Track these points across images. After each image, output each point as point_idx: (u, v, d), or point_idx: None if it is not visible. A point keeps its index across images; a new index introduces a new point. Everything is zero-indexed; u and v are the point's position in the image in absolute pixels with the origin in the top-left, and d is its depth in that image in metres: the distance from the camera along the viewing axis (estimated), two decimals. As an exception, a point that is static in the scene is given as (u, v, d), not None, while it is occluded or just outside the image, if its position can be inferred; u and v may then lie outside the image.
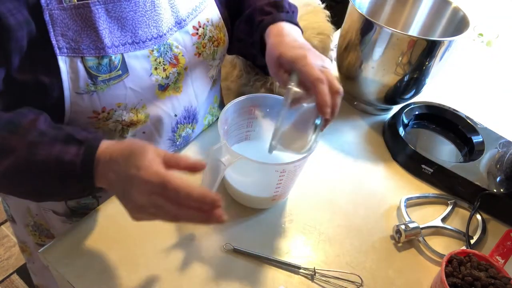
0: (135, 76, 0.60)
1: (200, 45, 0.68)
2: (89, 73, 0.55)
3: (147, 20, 0.59)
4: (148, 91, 0.62)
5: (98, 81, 0.56)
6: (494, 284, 0.55)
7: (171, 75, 0.64)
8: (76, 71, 0.55)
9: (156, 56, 0.61)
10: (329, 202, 0.73)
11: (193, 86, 0.72)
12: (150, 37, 0.60)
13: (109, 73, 0.57)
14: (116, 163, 0.47)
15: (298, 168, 0.63)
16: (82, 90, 0.56)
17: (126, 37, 0.58)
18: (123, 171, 0.46)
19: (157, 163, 0.46)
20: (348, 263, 0.64)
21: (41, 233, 0.83)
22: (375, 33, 0.78)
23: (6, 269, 1.55)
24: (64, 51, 0.53)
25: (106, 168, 0.48)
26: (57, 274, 0.59)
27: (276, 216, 0.69)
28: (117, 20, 0.56)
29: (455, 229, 0.70)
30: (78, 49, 0.54)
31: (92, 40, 0.54)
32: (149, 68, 0.61)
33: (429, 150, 0.82)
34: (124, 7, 0.56)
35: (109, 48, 0.56)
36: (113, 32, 0.56)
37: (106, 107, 0.59)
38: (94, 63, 0.55)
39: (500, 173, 0.75)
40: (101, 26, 0.55)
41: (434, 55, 0.78)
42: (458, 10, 0.86)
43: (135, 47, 0.59)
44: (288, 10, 0.69)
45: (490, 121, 0.88)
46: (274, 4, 0.69)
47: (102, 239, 0.62)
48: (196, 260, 0.61)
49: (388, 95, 0.87)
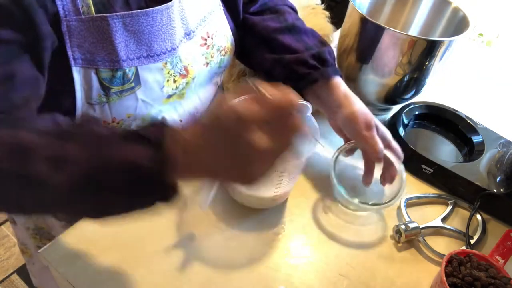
0: (147, 88, 0.60)
1: (208, 55, 0.68)
2: (102, 85, 0.55)
3: (162, 34, 0.59)
4: (158, 101, 0.63)
5: (110, 92, 0.56)
6: (494, 284, 0.55)
7: (180, 86, 0.65)
8: (89, 82, 0.55)
9: (169, 69, 0.61)
10: (329, 202, 0.73)
11: (198, 93, 0.72)
12: (164, 50, 0.60)
13: (122, 85, 0.57)
14: (208, 136, 0.40)
15: (298, 168, 0.63)
16: (94, 101, 0.56)
17: (141, 51, 0.57)
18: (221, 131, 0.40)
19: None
20: (348, 263, 0.64)
21: (42, 236, 0.83)
22: (375, 33, 0.78)
23: (6, 269, 1.55)
24: (79, 62, 0.53)
25: (192, 153, 0.40)
26: (57, 274, 0.59)
27: (276, 216, 0.69)
28: (134, 34, 0.56)
29: (455, 229, 0.70)
30: (93, 60, 0.54)
31: (107, 53, 0.54)
32: (162, 81, 0.61)
33: (429, 150, 0.82)
34: (141, 21, 0.56)
35: (123, 61, 0.56)
36: (128, 45, 0.56)
37: (116, 117, 0.59)
38: (108, 75, 0.55)
39: (500, 173, 0.75)
40: (117, 40, 0.54)
41: (434, 55, 0.78)
42: (458, 10, 0.86)
43: (150, 61, 0.59)
44: (333, 62, 0.72)
45: (490, 121, 0.88)
46: (318, 58, 0.70)
47: (102, 239, 0.62)
48: (196, 260, 0.61)
49: (388, 95, 0.87)
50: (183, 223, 0.65)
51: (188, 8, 0.63)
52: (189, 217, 0.66)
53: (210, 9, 0.68)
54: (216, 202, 0.69)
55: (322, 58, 0.71)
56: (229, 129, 0.39)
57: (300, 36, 0.73)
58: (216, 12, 0.70)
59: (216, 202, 0.69)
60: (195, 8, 0.65)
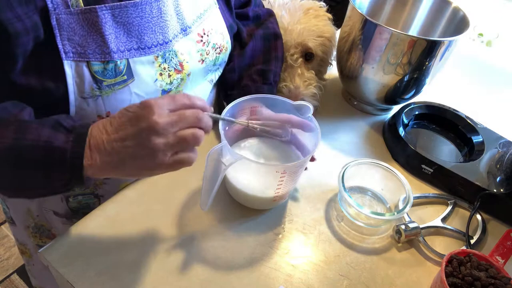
0: (140, 81, 0.60)
1: (204, 52, 0.69)
2: (94, 78, 0.55)
3: (153, 27, 0.59)
4: (153, 95, 0.63)
5: (103, 85, 0.56)
6: (494, 284, 0.55)
7: (175, 81, 0.65)
8: (81, 75, 0.55)
9: (161, 62, 0.62)
10: (329, 202, 0.73)
11: (194, 91, 0.72)
12: (155, 43, 0.60)
13: (114, 78, 0.57)
14: (120, 129, 0.48)
15: (299, 169, 0.63)
16: (87, 95, 0.56)
17: (131, 43, 0.58)
18: (134, 127, 0.47)
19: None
20: (348, 263, 0.64)
21: (42, 234, 0.82)
22: (375, 33, 0.78)
23: (6, 269, 1.55)
24: (70, 56, 0.53)
25: (105, 144, 0.48)
26: (57, 274, 0.59)
27: (276, 216, 0.69)
28: (123, 26, 0.56)
29: (455, 229, 0.70)
30: (84, 53, 0.54)
31: (98, 45, 0.54)
32: (154, 74, 0.61)
33: (429, 150, 0.82)
34: (130, 12, 0.56)
35: (114, 53, 0.56)
36: (119, 37, 0.56)
37: (111, 111, 0.59)
38: (99, 67, 0.55)
39: (500, 173, 0.75)
40: (107, 31, 0.55)
41: (434, 55, 0.78)
42: (458, 10, 0.86)
43: (141, 53, 0.59)
44: (272, 82, 0.78)
45: (490, 121, 0.88)
46: (262, 73, 0.77)
47: (102, 239, 0.62)
48: (196, 260, 0.61)
49: (388, 95, 0.87)
50: (183, 223, 0.66)
51: (184, 3, 0.63)
52: (189, 217, 0.67)
53: (206, 6, 0.69)
54: (217, 203, 0.69)
55: (265, 76, 0.78)
56: (134, 112, 0.48)
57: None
58: (212, 9, 0.70)
59: (216, 203, 0.69)
60: (192, 4, 0.65)
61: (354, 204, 0.66)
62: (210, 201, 0.60)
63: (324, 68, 0.92)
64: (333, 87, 0.99)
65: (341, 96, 0.99)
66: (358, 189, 0.75)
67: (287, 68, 0.84)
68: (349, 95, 0.96)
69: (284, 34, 0.83)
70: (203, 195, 0.61)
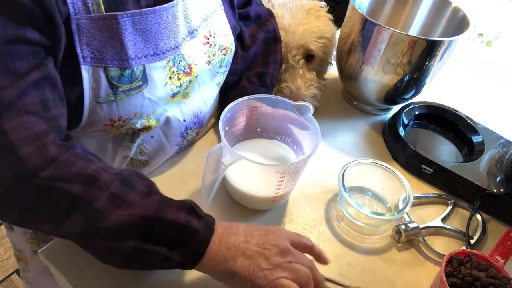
0: (152, 86, 0.60)
1: (210, 53, 0.69)
2: (110, 83, 0.55)
3: (168, 32, 0.60)
4: (163, 99, 0.63)
5: (118, 91, 0.56)
6: (494, 284, 0.55)
7: (184, 84, 0.65)
8: (98, 81, 0.55)
9: (171, 66, 0.62)
10: (329, 202, 0.73)
11: (201, 93, 0.72)
12: (169, 48, 0.61)
13: (130, 83, 0.57)
14: (250, 236, 0.52)
15: (299, 169, 0.63)
16: (102, 100, 0.56)
17: (148, 49, 0.58)
18: (260, 237, 0.52)
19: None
20: (348, 263, 0.64)
21: (39, 239, 0.82)
22: (375, 33, 0.78)
23: (6, 269, 1.55)
24: (88, 61, 0.53)
25: (228, 244, 0.51)
26: (57, 274, 0.59)
27: (276, 216, 0.69)
28: (142, 32, 0.56)
29: (455, 229, 0.70)
30: (102, 59, 0.54)
31: (116, 51, 0.54)
32: (164, 78, 0.61)
33: (429, 150, 0.82)
34: (150, 19, 0.56)
35: (132, 60, 0.56)
36: (137, 44, 0.56)
37: (123, 116, 0.59)
38: (116, 73, 0.55)
39: (500, 173, 0.75)
40: (126, 38, 0.55)
41: (434, 55, 0.78)
42: (458, 10, 0.86)
43: (156, 59, 0.59)
44: (269, 84, 0.79)
45: (490, 121, 0.88)
46: (259, 75, 0.79)
47: (102, 239, 0.62)
48: (196, 260, 0.61)
49: (388, 95, 0.87)
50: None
51: (191, 6, 0.64)
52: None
53: (212, 8, 0.69)
54: (217, 203, 0.69)
55: (262, 78, 0.80)
56: (272, 231, 0.53)
57: None
58: (217, 11, 0.71)
59: (216, 203, 0.69)
60: (198, 7, 0.65)
61: (354, 204, 0.66)
62: (209, 201, 0.60)
63: (324, 68, 0.92)
64: (333, 87, 0.99)
65: (341, 96, 0.99)
66: (358, 189, 0.75)
67: (288, 68, 0.84)
68: (349, 95, 0.96)
69: (286, 35, 0.83)
70: (202, 195, 0.61)
